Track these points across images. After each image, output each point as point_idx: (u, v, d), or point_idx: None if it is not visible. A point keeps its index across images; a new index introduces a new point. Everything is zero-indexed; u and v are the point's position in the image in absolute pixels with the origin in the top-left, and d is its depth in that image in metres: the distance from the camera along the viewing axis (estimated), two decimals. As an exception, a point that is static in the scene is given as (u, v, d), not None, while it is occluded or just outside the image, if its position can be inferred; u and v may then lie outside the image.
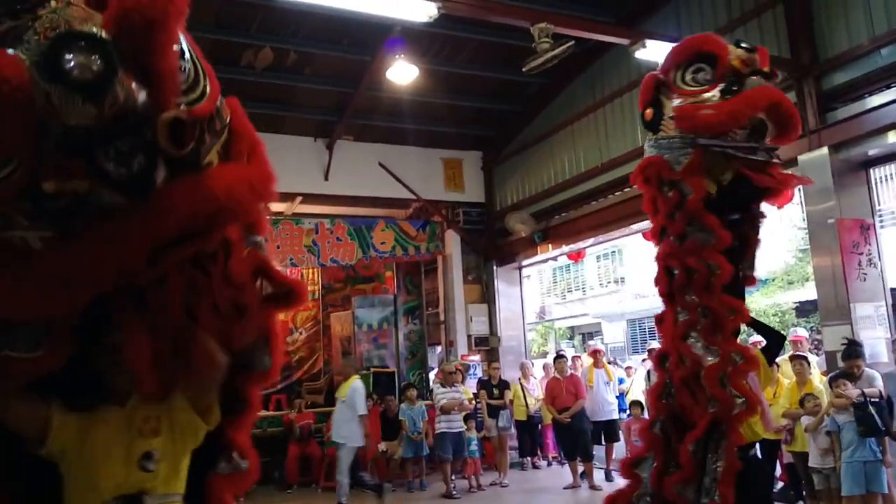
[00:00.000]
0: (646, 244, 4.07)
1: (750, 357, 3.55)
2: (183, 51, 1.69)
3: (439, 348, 12.79)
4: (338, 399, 8.71)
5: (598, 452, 9.30)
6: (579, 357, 11.34)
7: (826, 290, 6.78)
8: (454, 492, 8.74)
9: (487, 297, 12.24)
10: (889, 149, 6.60)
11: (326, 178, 11.03)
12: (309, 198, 11.47)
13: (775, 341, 4.25)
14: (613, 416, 9.49)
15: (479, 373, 11.35)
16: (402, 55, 8.47)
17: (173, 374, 1.95)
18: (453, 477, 9.87)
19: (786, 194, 3.75)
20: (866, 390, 5.47)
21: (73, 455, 1.87)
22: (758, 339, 7.05)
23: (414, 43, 8.78)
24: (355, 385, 8.54)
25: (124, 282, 1.71)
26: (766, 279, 16.99)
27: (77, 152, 1.52)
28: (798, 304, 16.28)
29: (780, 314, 16.38)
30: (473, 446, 9.32)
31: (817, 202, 6.88)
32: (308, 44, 9.13)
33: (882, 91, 6.53)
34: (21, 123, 1.46)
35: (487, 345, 12.00)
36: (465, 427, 9.51)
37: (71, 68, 1.43)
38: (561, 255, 12.45)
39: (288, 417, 10.57)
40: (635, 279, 21.10)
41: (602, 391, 9.39)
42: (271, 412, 11.78)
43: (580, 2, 8.60)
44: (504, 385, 10.02)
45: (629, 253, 21.55)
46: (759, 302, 16.44)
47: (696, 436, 3.46)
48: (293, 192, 11.27)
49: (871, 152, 6.70)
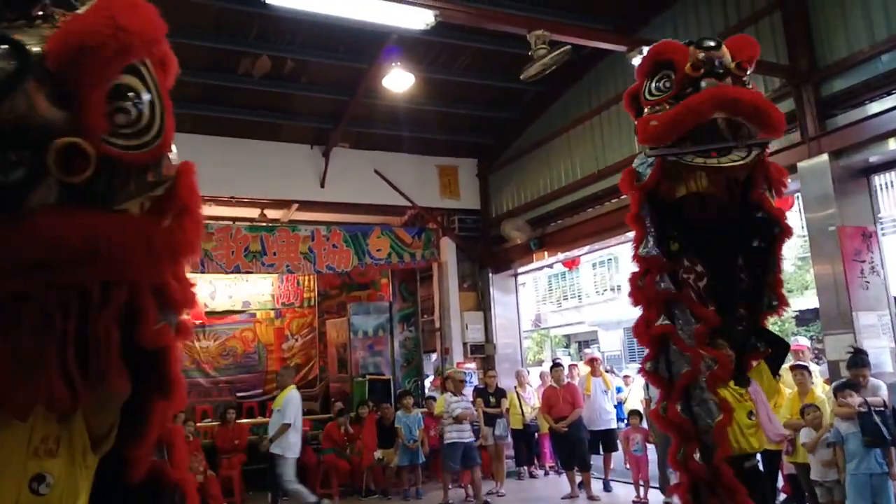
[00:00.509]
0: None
1: (723, 362, 3.59)
2: (137, 94, 1.68)
3: (434, 355, 12.74)
4: (273, 409, 8.66)
5: (597, 462, 9.24)
6: (576, 366, 11.29)
7: (828, 299, 6.73)
8: (450, 501, 8.68)
9: (483, 305, 12.19)
10: (890, 155, 6.55)
11: (322, 186, 11.00)
12: (305, 205, 11.46)
13: (779, 351, 4.13)
14: (612, 426, 9.42)
15: (475, 381, 11.29)
16: (399, 63, 8.45)
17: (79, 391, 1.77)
18: (450, 486, 9.85)
19: (780, 196, 3.75)
20: (870, 399, 5.40)
21: None
22: (801, 344, 7.05)
23: (410, 50, 8.76)
24: (290, 395, 8.51)
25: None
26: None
27: None
28: (798, 313, 16.26)
29: (780, 322, 16.35)
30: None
31: (817, 209, 6.84)
32: (305, 52, 9.11)
33: (882, 98, 6.49)
34: None
35: (483, 352, 11.95)
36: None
37: None
38: (557, 263, 12.41)
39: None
40: (631, 285, 21.01)
41: (600, 400, 9.31)
42: (267, 419, 11.70)
43: (577, 9, 8.60)
44: (500, 393, 9.95)
45: (625, 260, 21.52)
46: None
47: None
48: (289, 200, 11.26)
49: (872, 159, 6.65)
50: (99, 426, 1.90)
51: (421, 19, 5.87)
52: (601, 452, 9.32)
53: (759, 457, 4.14)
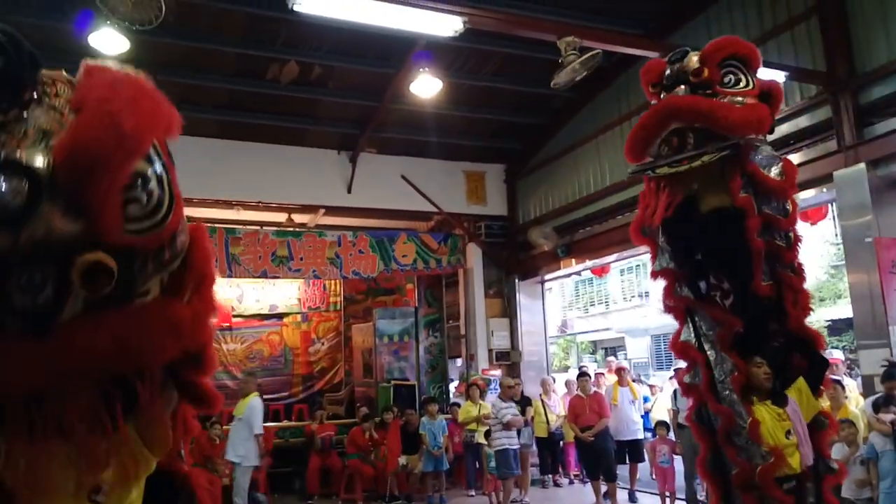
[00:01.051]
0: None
1: (741, 368, 3.58)
2: (146, 179, 1.63)
3: (460, 361, 12.70)
4: (234, 417, 8.62)
5: (622, 472, 9.13)
6: (602, 374, 11.16)
7: (862, 311, 6.56)
8: None
9: (509, 312, 12.12)
10: (931, 166, 6.39)
11: (349, 191, 11.03)
12: (332, 210, 11.50)
13: (818, 366, 3.90)
14: (638, 436, 9.31)
15: (500, 388, 11.22)
16: (427, 69, 8.43)
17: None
18: (472, 493, 9.81)
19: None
20: (904, 416, 5.26)
21: (20, 485, 1.78)
22: (835, 358, 6.85)
23: (438, 56, 8.73)
24: (253, 403, 8.47)
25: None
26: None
27: None
28: (830, 323, 15.94)
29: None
30: (493, 462, 9.18)
31: (853, 218, 6.67)
32: (332, 57, 9.13)
33: (924, 106, 6.34)
34: None
35: (508, 359, 11.88)
36: (486, 443, 9.43)
37: None
38: (585, 270, 12.30)
39: (310, 428, 10.54)
40: (660, 294, 20.81)
41: (627, 410, 9.22)
42: (293, 422, 11.79)
43: (608, 14, 8.51)
44: (526, 401, 9.86)
45: (653, 267, 21.27)
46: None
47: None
48: (316, 205, 11.30)
49: (913, 169, 6.49)
50: (149, 436, 1.95)
51: (449, 26, 5.82)
52: (627, 462, 9.22)
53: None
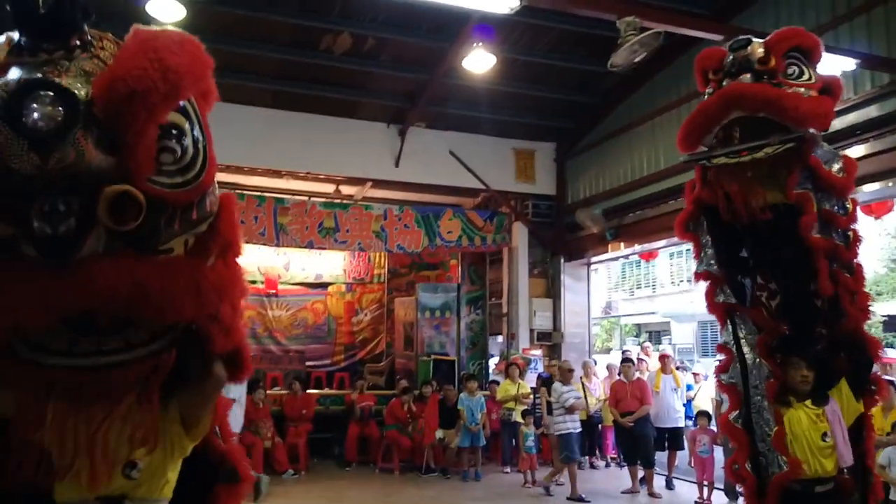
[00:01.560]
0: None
1: (777, 375, 3.59)
2: (182, 132, 1.65)
3: (500, 338, 12.69)
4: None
5: (661, 458, 9.07)
6: (644, 361, 11.02)
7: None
8: (583, 495, 8.29)
9: (553, 292, 12.03)
10: None
11: (397, 165, 11.03)
12: (379, 183, 11.52)
13: (863, 369, 3.76)
14: (679, 424, 9.21)
15: (540, 367, 11.21)
16: (481, 44, 8.32)
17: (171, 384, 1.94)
18: (507, 470, 9.86)
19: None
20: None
21: (59, 451, 1.86)
22: (889, 357, 6.63)
23: (492, 30, 8.60)
24: None
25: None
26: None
27: (13, 196, 1.47)
28: (887, 318, 15.48)
29: (867, 327, 15.55)
30: (530, 442, 9.20)
31: (916, 214, 6.42)
32: (386, 30, 9.09)
33: None
34: None
35: (550, 340, 11.82)
36: (522, 422, 9.44)
37: (27, 114, 1.41)
38: (633, 255, 12.12)
39: (350, 397, 10.69)
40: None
41: (669, 398, 9.11)
42: (334, 390, 12.01)
43: (670, -8, 8.25)
44: (566, 383, 9.82)
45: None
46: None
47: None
48: (364, 178, 11.34)
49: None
50: (194, 416, 2.02)
51: (506, 3, 5.72)
52: (666, 450, 9.14)
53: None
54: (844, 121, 7.15)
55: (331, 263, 14.00)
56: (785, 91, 3.39)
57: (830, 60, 6.65)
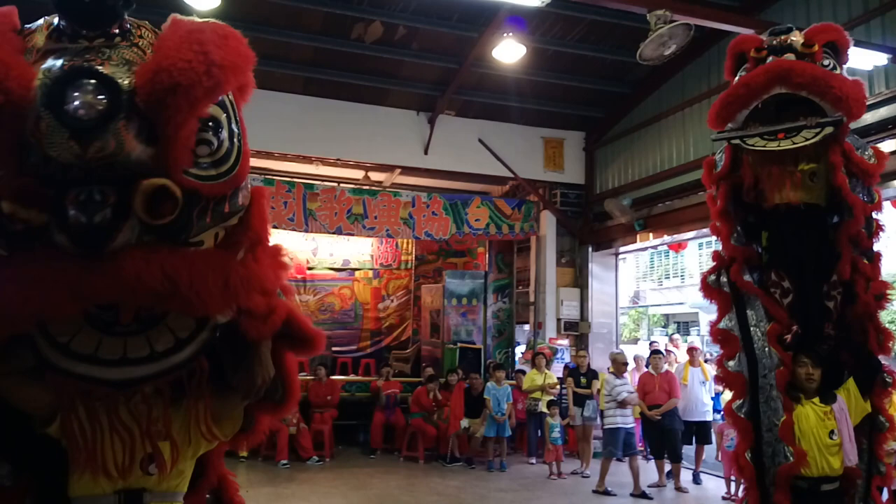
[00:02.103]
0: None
1: (786, 362, 3.59)
2: (219, 124, 1.64)
3: (527, 327, 12.69)
4: None
5: (688, 452, 9.02)
6: (672, 352, 10.94)
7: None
8: (609, 488, 8.22)
9: (580, 282, 11.99)
10: None
11: (426, 152, 11.06)
12: (407, 170, 11.56)
13: (871, 370, 3.71)
14: (707, 418, 9.11)
15: (567, 357, 11.19)
16: (511, 34, 8.27)
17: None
18: (533, 461, 9.88)
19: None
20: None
21: (76, 447, 1.86)
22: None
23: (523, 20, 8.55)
24: None
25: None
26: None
27: (49, 183, 1.46)
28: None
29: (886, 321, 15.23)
30: (556, 433, 9.21)
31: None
32: (417, 19, 9.09)
33: None
34: (5, 136, 1.43)
35: (577, 330, 11.80)
36: (548, 413, 9.44)
37: (69, 101, 1.40)
38: (662, 246, 12.02)
39: (375, 385, 10.75)
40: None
41: (697, 391, 9.03)
42: (360, 377, 12.08)
43: (701, -17, 8.12)
44: (592, 374, 9.80)
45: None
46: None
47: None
48: (393, 165, 11.37)
49: None
50: (228, 415, 2.05)
51: (538, -4, 5.69)
52: (693, 443, 9.08)
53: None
54: (876, 115, 7.04)
55: (358, 249, 14.07)
56: (831, 71, 3.38)
57: (862, 55, 6.53)
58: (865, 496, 3.67)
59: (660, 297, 24.83)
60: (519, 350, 12.93)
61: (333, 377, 11.16)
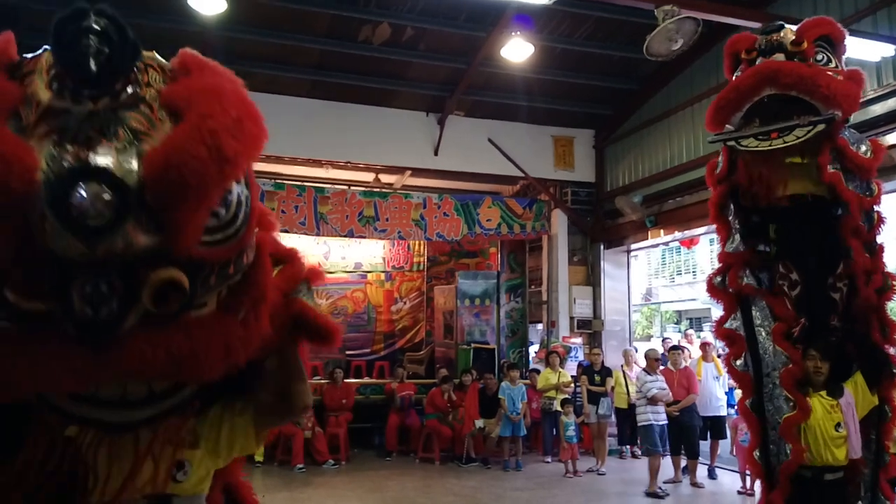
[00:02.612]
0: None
1: (797, 360, 3.61)
2: (229, 193, 1.55)
3: (540, 326, 12.69)
4: None
5: (703, 447, 8.99)
6: (685, 348, 10.91)
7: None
8: (659, 489, 8.05)
9: (592, 280, 11.97)
10: None
11: (436, 153, 11.07)
12: (418, 172, 11.57)
13: (879, 363, 3.73)
14: (721, 413, 9.10)
15: (581, 356, 11.18)
16: (519, 33, 8.28)
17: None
18: (549, 460, 9.87)
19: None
20: None
21: (99, 459, 1.82)
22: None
23: (530, 19, 8.55)
24: None
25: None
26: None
27: (53, 275, 1.40)
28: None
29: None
30: (571, 431, 9.20)
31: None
32: (424, 19, 9.09)
33: None
34: (7, 231, 1.35)
35: (590, 328, 11.78)
36: (563, 411, 9.43)
37: (74, 202, 1.33)
38: (673, 242, 11.99)
39: (390, 387, 10.77)
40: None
41: (710, 386, 9.01)
42: (374, 379, 12.11)
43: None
44: (606, 372, 9.80)
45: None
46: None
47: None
48: (403, 167, 11.40)
49: None
50: (266, 427, 2.05)
51: (544, -7, 5.70)
52: (708, 439, 9.06)
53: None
54: (885, 106, 7.02)
55: (370, 252, 14.11)
56: (818, 69, 3.40)
57: (870, 46, 6.51)
58: (873, 486, 3.72)
59: (672, 294, 24.72)
60: (533, 349, 12.93)
61: (348, 380, 11.21)
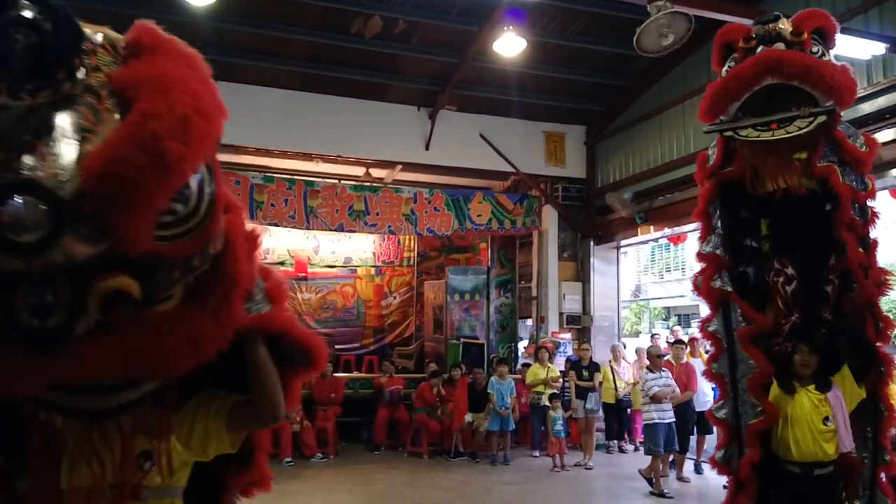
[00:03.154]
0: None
1: (762, 366, 3.60)
2: (186, 187, 1.44)
3: (530, 322, 12.71)
4: None
5: (690, 442, 9.01)
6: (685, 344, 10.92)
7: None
8: (665, 490, 7.80)
9: (582, 276, 12.00)
10: None
11: (427, 148, 11.05)
12: (409, 166, 11.56)
13: (866, 356, 3.71)
14: (708, 408, 9.12)
15: (569, 351, 11.21)
16: (511, 27, 8.27)
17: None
18: (536, 454, 9.89)
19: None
20: None
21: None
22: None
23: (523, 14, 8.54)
24: None
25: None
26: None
27: None
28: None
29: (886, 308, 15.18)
30: (559, 426, 9.23)
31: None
32: (416, 13, 9.07)
33: None
34: None
35: (579, 323, 11.82)
36: (551, 406, 9.44)
37: (7, 222, 1.24)
38: (662, 238, 12.03)
39: (379, 381, 10.76)
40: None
41: (698, 381, 9.03)
42: (363, 374, 12.09)
43: (701, -26, 8.10)
44: (594, 367, 9.84)
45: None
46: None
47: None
48: (394, 161, 11.37)
49: None
50: (240, 428, 2.02)
51: (537, -14, 5.69)
52: (695, 433, 9.08)
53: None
54: (874, 104, 7.04)
55: (360, 246, 14.08)
56: (822, 59, 3.38)
57: (860, 44, 6.54)
58: (871, 485, 3.68)
59: (661, 291, 24.83)
60: (522, 345, 12.94)
61: (337, 374, 11.18)
